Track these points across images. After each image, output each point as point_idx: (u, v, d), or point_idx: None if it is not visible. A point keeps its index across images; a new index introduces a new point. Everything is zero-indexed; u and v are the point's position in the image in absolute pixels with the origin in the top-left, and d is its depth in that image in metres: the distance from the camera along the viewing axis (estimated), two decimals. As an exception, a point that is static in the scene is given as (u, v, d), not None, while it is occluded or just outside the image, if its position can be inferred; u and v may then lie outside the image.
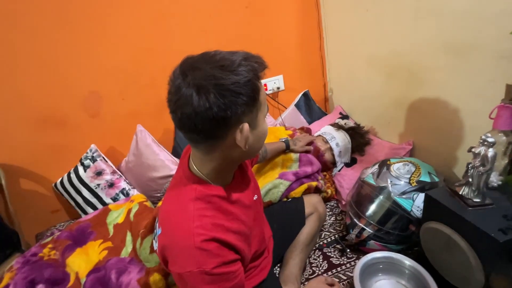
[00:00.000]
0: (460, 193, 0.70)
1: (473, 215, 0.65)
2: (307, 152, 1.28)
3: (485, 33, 0.87)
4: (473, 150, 0.66)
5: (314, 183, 1.19)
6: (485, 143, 0.63)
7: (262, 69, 0.54)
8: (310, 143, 1.32)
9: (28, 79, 1.29)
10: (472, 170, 0.66)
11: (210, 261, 0.55)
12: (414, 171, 0.94)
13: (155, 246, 0.71)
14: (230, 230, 0.59)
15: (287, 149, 1.23)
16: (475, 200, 0.67)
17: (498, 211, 0.65)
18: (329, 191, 1.29)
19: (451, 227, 0.69)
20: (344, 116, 1.64)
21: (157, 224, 0.66)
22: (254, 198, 0.74)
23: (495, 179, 0.72)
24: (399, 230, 0.92)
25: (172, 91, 0.53)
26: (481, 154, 0.63)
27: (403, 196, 0.90)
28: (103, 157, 1.43)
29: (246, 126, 0.53)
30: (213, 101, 0.49)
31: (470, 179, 0.67)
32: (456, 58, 0.98)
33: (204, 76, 0.50)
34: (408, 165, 0.97)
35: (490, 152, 0.62)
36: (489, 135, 0.63)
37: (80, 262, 1.09)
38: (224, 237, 0.57)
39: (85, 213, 1.39)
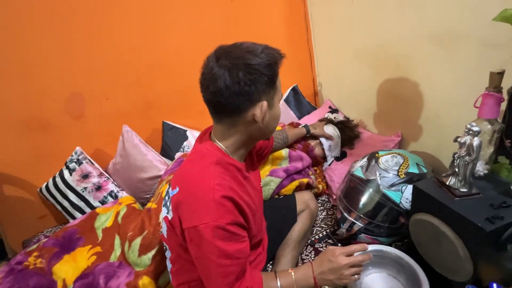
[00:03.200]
0: (447, 183, 0.69)
1: (460, 205, 0.65)
2: (329, 138, 1.34)
3: (468, 21, 0.86)
4: (458, 139, 0.65)
5: (305, 180, 1.18)
6: (470, 132, 0.62)
7: (280, 58, 0.62)
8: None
9: (7, 81, 1.24)
10: (458, 160, 0.66)
11: (225, 217, 0.59)
12: (403, 163, 0.94)
13: (164, 212, 0.73)
14: (242, 198, 0.64)
15: (307, 133, 1.30)
16: (462, 190, 0.67)
17: (484, 200, 0.65)
18: (320, 186, 1.28)
19: (439, 218, 0.68)
20: (334, 110, 1.63)
21: (170, 188, 0.70)
22: (260, 185, 0.81)
23: (481, 168, 0.72)
24: (389, 223, 0.91)
25: (206, 72, 0.61)
26: (467, 143, 0.63)
27: (392, 189, 0.90)
28: (89, 160, 1.40)
29: (265, 103, 0.61)
30: (241, 77, 0.58)
31: (457, 169, 0.67)
32: (440, 48, 0.98)
33: (235, 57, 0.59)
34: (396, 157, 0.97)
35: (475, 141, 0.61)
36: (474, 124, 0.63)
37: (67, 269, 1.06)
38: (238, 200, 0.62)
39: (73, 217, 1.36)
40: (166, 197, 0.73)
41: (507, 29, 0.62)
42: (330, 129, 1.39)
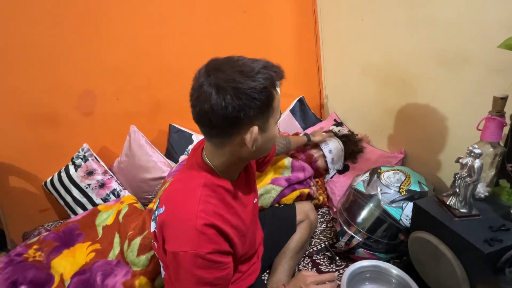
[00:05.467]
0: (448, 203, 0.70)
1: (460, 225, 0.66)
2: (327, 140, 1.39)
3: (476, 45, 0.88)
4: (460, 160, 0.66)
5: (306, 190, 1.19)
6: (472, 154, 0.63)
7: (279, 78, 0.58)
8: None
9: (22, 76, 1.28)
10: (459, 181, 0.67)
11: (206, 246, 0.57)
12: (404, 180, 0.95)
13: (153, 227, 0.72)
14: (228, 222, 0.62)
15: (308, 141, 1.32)
16: (462, 210, 0.68)
17: (484, 222, 0.66)
18: (321, 198, 1.29)
19: (438, 237, 0.69)
20: (339, 123, 1.65)
21: (158, 204, 0.68)
22: (254, 201, 0.78)
23: (482, 190, 0.72)
24: (388, 239, 0.92)
25: (195, 87, 0.57)
26: (468, 165, 0.64)
27: (393, 205, 0.91)
28: (95, 157, 1.42)
29: (255, 129, 0.57)
30: (229, 102, 0.54)
31: (457, 190, 0.68)
32: (447, 69, 1.00)
33: (225, 78, 0.54)
34: (398, 174, 0.97)
35: (477, 163, 0.62)
36: (476, 146, 0.64)
37: (66, 264, 1.07)
38: (222, 226, 0.60)
39: (75, 213, 1.38)
40: (156, 212, 0.72)
41: (509, 56, 0.64)
42: (334, 142, 1.41)
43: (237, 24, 1.54)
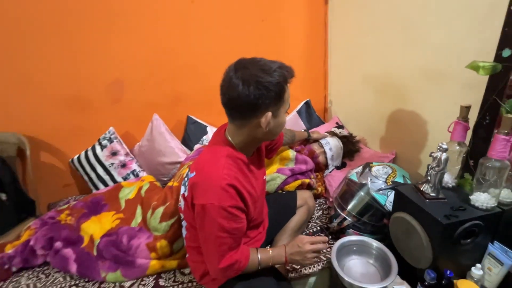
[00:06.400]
0: (421, 189, 0.87)
1: (429, 205, 0.82)
2: (324, 136, 1.56)
3: (454, 65, 1.06)
4: (432, 154, 0.83)
5: (307, 180, 1.35)
6: (440, 149, 0.80)
7: (290, 77, 0.74)
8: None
9: (60, 65, 1.45)
10: (430, 170, 0.83)
11: (228, 200, 0.74)
12: (391, 173, 1.11)
13: (183, 190, 0.89)
14: (244, 187, 0.79)
15: (308, 136, 1.52)
16: (431, 194, 0.84)
17: (447, 204, 0.82)
18: (319, 188, 1.45)
19: (411, 215, 0.85)
20: (340, 126, 1.81)
21: (189, 171, 0.85)
22: (264, 178, 0.95)
23: (450, 181, 0.89)
24: (374, 221, 1.08)
25: (226, 80, 0.73)
26: (438, 157, 0.81)
27: (380, 192, 1.07)
28: (119, 140, 1.58)
29: (269, 114, 0.73)
30: (251, 91, 0.69)
31: (429, 178, 0.84)
32: (432, 83, 1.18)
33: (249, 74, 0.70)
34: (386, 168, 1.14)
35: (443, 155, 0.79)
36: (444, 143, 0.81)
37: (95, 227, 1.23)
38: (240, 188, 0.76)
39: (97, 188, 1.53)
40: (186, 178, 0.89)
41: (477, 75, 0.81)
42: (335, 141, 1.57)
43: (255, 31, 1.70)
